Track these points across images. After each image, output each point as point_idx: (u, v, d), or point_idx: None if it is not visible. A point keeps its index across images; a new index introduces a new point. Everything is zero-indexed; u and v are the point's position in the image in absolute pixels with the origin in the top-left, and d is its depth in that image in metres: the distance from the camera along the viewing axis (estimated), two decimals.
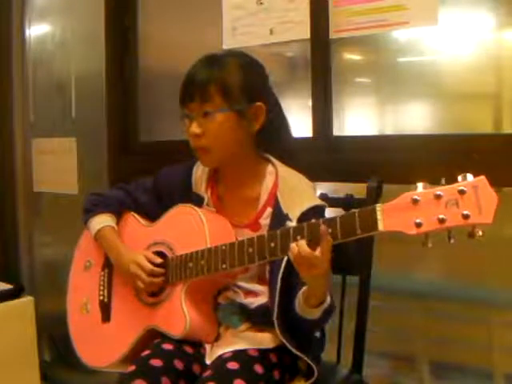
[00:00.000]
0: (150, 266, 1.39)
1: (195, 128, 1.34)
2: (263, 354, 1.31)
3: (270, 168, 1.41)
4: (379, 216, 1.08)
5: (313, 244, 1.15)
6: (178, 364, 1.30)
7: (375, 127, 1.88)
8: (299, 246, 1.15)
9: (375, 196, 1.49)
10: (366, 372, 1.53)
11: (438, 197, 1.03)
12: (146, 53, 2.34)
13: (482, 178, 1.03)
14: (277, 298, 1.28)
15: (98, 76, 2.37)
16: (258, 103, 1.36)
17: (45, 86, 2.71)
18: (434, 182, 1.58)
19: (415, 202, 1.05)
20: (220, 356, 1.31)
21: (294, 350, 1.28)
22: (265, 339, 1.34)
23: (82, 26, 2.51)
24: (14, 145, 2.82)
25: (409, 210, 1.05)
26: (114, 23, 2.34)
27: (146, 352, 1.31)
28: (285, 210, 1.33)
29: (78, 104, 2.57)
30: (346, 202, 1.56)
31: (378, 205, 1.10)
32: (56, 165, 2.65)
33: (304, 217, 1.29)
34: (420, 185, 1.07)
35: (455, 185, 1.03)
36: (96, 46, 2.38)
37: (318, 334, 1.39)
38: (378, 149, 1.72)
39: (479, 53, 1.62)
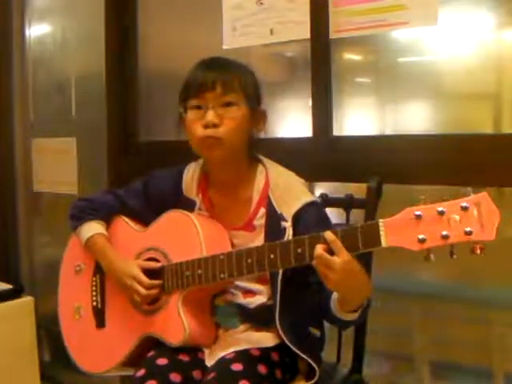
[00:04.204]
0: (147, 280, 1.37)
1: (213, 117, 1.31)
2: (265, 353, 1.32)
3: (260, 168, 1.42)
4: (382, 232, 1.09)
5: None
6: (175, 377, 1.28)
7: (375, 127, 1.88)
8: (316, 248, 1.14)
9: (375, 196, 1.49)
10: (366, 372, 1.53)
11: (441, 213, 1.04)
12: (146, 53, 2.33)
13: (485, 193, 1.03)
14: (278, 300, 1.28)
15: (98, 76, 2.37)
16: (263, 108, 1.39)
17: (45, 86, 2.71)
18: (433, 182, 1.58)
19: (418, 217, 1.05)
20: (222, 357, 1.31)
21: (296, 351, 1.28)
22: (265, 338, 1.35)
23: (82, 26, 2.51)
24: (13, 145, 2.82)
25: (412, 226, 1.06)
26: (114, 23, 2.34)
27: (141, 372, 1.29)
28: (278, 210, 1.33)
29: (78, 104, 2.57)
30: (346, 202, 1.56)
31: (380, 220, 1.10)
32: (56, 165, 2.65)
33: (299, 215, 1.30)
34: (422, 198, 1.07)
35: (458, 201, 1.04)
36: (96, 46, 2.37)
37: (318, 334, 1.39)
38: (378, 149, 1.72)
39: (479, 53, 1.62)
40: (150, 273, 1.39)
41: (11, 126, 2.81)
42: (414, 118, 1.78)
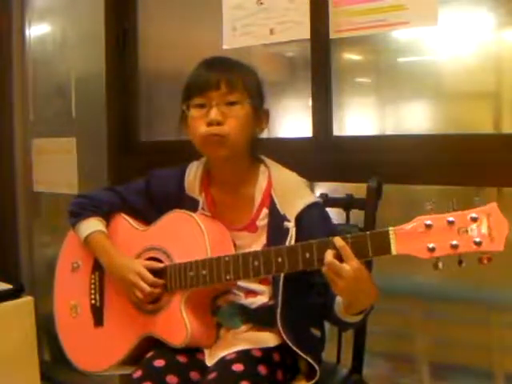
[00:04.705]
0: (151, 278, 1.37)
1: (217, 115, 1.32)
2: (266, 353, 1.31)
3: (262, 168, 1.42)
4: (392, 240, 1.10)
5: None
6: (172, 379, 1.27)
7: (375, 127, 1.88)
8: (326, 254, 1.14)
9: (375, 196, 1.49)
10: (366, 372, 1.53)
11: (451, 223, 1.05)
12: (146, 53, 2.33)
13: (494, 204, 1.05)
14: (280, 300, 1.28)
15: (98, 76, 2.37)
16: (266, 108, 1.40)
17: (45, 86, 2.71)
18: (433, 181, 1.58)
19: (428, 226, 1.07)
20: (223, 358, 1.30)
21: (298, 351, 1.28)
22: (266, 338, 1.34)
23: (82, 26, 2.51)
24: (13, 145, 2.82)
25: (421, 235, 1.07)
26: (114, 24, 2.34)
27: (138, 373, 1.28)
28: (281, 211, 1.33)
29: (78, 104, 2.57)
30: (346, 202, 1.56)
31: (390, 228, 1.10)
32: (56, 165, 2.65)
33: (302, 215, 1.31)
34: (430, 208, 1.08)
35: (467, 211, 1.05)
36: (96, 46, 2.37)
37: (318, 334, 1.39)
38: (378, 149, 1.72)
39: (479, 53, 1.62)
40: (153, 272, 1.39)
41: (11, 126, 2.81)
42: (414, 118, 1.78)
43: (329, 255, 1.13)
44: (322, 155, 1.80)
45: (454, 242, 1.04)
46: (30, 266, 2.85)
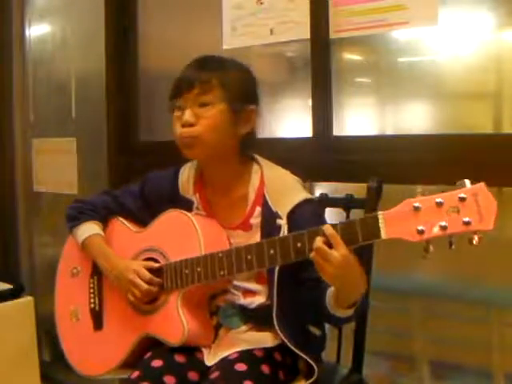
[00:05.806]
0: (148, 275, 1.37)
1: (189, 116, 1.33)
2: (268, 353, 1.32)
3: (255, 167, 1.42)
4: (381, 224, 1.09)
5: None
6: (170, 380, 1.28)
7: (375, 127, 1.88)
8: (316, 241, 1.14)
9: (375, 196, 1.49)
10: (366, 372, 1.53)
11: (439, 204, 1.04)
12: (146, 53, 2.34)
13: (482, 184, 1.04)
14: (275, 299, 1.29)
15: (98, 76, 2.37)
16: (252, 106, 1.38)
17: (45, 86, 2.71)
18: (433, 182, 1.58)
19: (416, 209, 1.06)
20: (225, 357, 1.31)
21: (294, 349, 1.28)
22: (267, 338, 1.35)
23: (82, 26, 2.51)
24: (14, 145, 2.82)
25: (410, 218, 1.06)
26: (114, 23, 2.34)
27: (136, 374, 1.29)
28: (274, 208, 1.33)
29: (78, 104, 2.57)
30: (346, 202, 1.56)
31: (379, 212, 1.10)
32: (56, 165, 2.65)
33: (293, 212, 1.31)
34: (419, 191, 1.07)
35: (455, 192, 1.04)
36: (96, 46, 2.38)
37: (317, 333, 1.39)
38: (378, 149, 1.72)
39: (479, 53, 1.62)
40: (150, 272, 1.39)
41: (11, 126, 2.81)
42: (414, 118, 1.78)
43: (318, 241, 1.13)
44: (321, 155, 1.80)
45: (443, 223, 1.03)
46: (30, 266, 2.85)
